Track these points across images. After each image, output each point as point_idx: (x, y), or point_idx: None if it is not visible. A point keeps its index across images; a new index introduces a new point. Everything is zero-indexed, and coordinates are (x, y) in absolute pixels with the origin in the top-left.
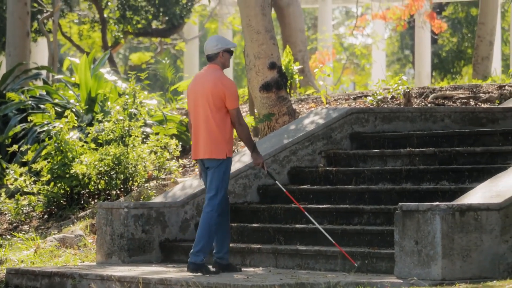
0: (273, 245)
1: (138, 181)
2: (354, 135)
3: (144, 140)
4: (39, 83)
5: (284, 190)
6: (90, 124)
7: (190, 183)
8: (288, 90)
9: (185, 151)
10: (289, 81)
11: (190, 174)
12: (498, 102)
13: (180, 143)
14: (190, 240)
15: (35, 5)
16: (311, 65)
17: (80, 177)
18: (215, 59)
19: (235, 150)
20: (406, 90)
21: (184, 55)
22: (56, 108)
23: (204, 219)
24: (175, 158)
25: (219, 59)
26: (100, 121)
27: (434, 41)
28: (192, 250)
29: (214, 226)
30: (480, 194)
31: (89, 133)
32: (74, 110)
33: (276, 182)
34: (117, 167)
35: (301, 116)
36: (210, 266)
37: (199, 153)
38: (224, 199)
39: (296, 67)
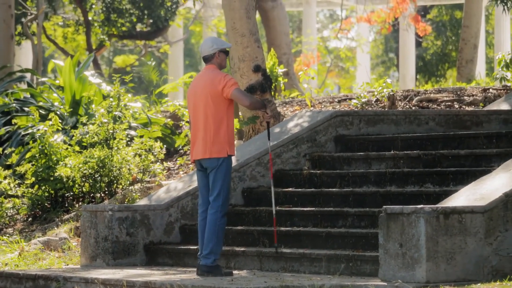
0: (257, 248)
1: (123, 184)
2: (338, 138)
3: (129, 143)
4: (24, 86)
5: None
6: (75, 127)
7: (174, 186)
8: (272, 93)
9: (169, 154)
10: (273, 84)
11: (174, 177)
12: (483, 105)
13: (165, 146)
14: (174, 243)
15: (20, 8)
16: (295, 68)
17: (65, 180)
18: (211, 60)
19: None
20: (391, 93)
21: (169, 58)
22: (40, 111)
23: (209, 222)
24: (159, 161)
25: (215, 60)
26: (84, 124)
27: (418, 44)
28: (201, 253)
29: (220, 226)
30: (464, 197)
31: (73, 136)
32: (58, 113)
33: (269, 143)
34: (101, 170)
35: (286, 119)
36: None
37: (198, 154)
38: (228, 200)
39: (280, 70)
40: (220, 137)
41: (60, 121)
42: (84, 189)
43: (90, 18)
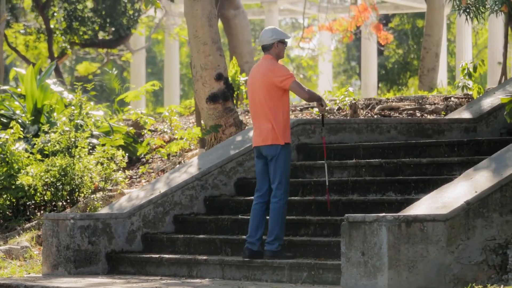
0: (220, 256)
1: (85, 192)
2: (300, 146)
3: (91, 151)
4: None
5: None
6: (36, 135)
7: (136, 194)
8: (234, 101)
9: (131, 162)
10: (235, 92)
11: (136, 185)
12: (444, 113)
13: (127, 154)
14: (136, 252)
15: None
16: None
17: (26, 188)
18: (269, 49)
19: (182, 161)
20: (353, 102)
21: (131, 66)
22: (1, 119)
23: (273, 210)
24: (121, 169)
25: (274, 50)
26: (46, 132)
27: (380, 53)
28: (266, 240)
29: (284, 213)
30: (426, 205)
31: (35, 144)
32: (20, 121)
33: (323, 130)
34: (63, 178)
35: (248, 127)
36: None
37: (257, 141)
38: (288, 187)
39: (242, 78)
40: (277, 125)
41: (21, 129)
42: (46, 198)
43: (52, 26)
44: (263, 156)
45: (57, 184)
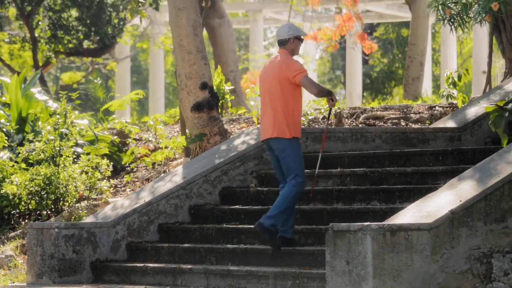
0: (204, 265)
1: (69, 201)
2: None
3: (75, 160)
4: None
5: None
6: (21, 144)
7: (121, 203)
8: (219, 110)
9: (116, 171)
10: (220, 101)
11: (121, 194)
12: (429, 122)
13: (111, 163)
14: (121, 261)
15: None
16: (242, 85)
17: (11, 197)
18: (285, 44)
19: (167, 170)
20: (337, 111)
21: (116, 75)
22: None
23: (286, 192)
24: (106, 178)
25: (289, 45)
26: (31, 141)
27: (365, 62)
28: (266, 213)
29: (291, 200)
30: (410, 214)
31: (19, 153)
32: (4, 130)
33: (327, 124)
34: (48, 187)
35: (233, 136)
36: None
37: (265, 134)
38: (305, 178)
39: (227, 87)
40: (284, 119)
41: (6, 138)
42: (30, 207)
43: (36, 34)
44: (272, 149)
45: (42, 193)
